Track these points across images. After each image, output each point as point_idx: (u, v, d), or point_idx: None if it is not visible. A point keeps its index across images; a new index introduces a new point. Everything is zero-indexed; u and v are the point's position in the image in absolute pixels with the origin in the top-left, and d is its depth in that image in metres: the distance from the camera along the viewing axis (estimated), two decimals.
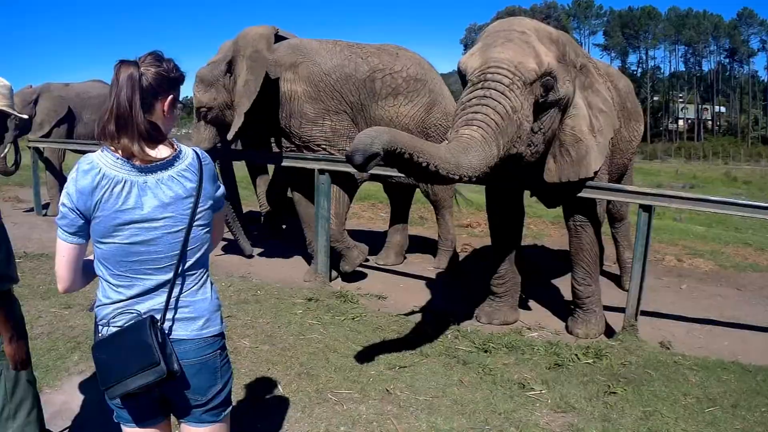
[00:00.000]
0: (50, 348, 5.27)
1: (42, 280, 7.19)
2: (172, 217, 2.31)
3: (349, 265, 7.92)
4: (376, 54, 7.88)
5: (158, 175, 2.31)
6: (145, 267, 2.33)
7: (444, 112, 8.04)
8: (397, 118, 7.76)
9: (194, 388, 2.42)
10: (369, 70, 7.70)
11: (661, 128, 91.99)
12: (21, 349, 3.00)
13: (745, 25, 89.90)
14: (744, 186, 38.33)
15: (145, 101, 2.31)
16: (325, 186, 7.45)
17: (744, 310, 7.39)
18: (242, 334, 5.75)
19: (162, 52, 2.42)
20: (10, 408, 3.06)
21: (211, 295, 2.51)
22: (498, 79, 4.76)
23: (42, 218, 11.46)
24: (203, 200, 2.39)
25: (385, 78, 7.73)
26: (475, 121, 4.67)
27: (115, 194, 2.25)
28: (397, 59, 7.91)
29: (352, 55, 7.75)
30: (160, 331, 2.30)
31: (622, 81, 7.31)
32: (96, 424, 4.17)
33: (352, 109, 7.69)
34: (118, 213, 2.26)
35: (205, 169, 2.43)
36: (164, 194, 2.30)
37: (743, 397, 4.85)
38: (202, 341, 2.41)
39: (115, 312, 2.36)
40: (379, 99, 7.72)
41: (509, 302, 6.60)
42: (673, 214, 15.77)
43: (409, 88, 7.83)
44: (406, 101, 7.82)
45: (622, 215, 8.30)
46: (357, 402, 4.56)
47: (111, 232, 2.28)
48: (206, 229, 2.44)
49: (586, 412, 4.52)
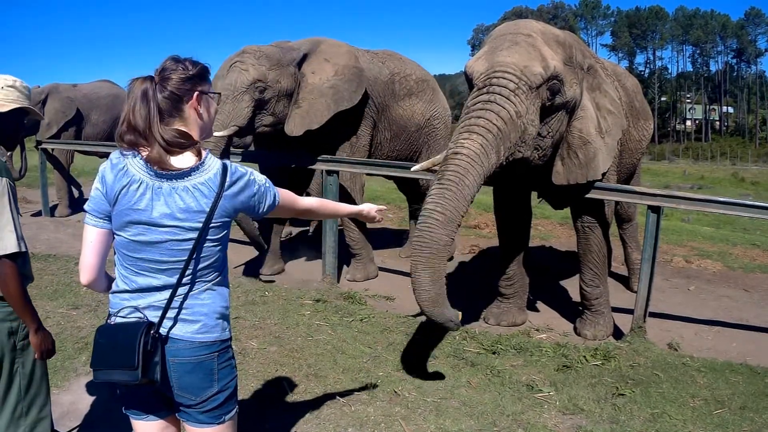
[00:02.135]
0: (58, 348, 5.18)
1: (50, 281, 7.20)
2: (179, 227, 2.32)
3: (362, 275, 8.16)
4: (389, 59, 8.35)
5: (174, 183, 2.31)
6: (148, 265, 2.37)
7: (443, 106, 9.05)
8: (413, 116, 8.44)
9: (187, 387, 2.43)
10: (389, 73, 8.14)
11: (669, 129, 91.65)
12: (47, 339, 3.08)
13: (753, 24, 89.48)
14: (752, 187, 38.15)
15: (171, 109, 2.35)
16: (333, 187, 7.46)
17: (752, 312, 7.37)
18: (250, 335, 5.75)
19: (178, 55, 2.42)
20: (23, 406, 3.09)
21: (216, 303, 2.49)
22: (503, 84, 4.75)
23: (50, 219, 11.52)
24: (217, 217, 2.36)
25: (401, 80, 8.32)
26: (477, 127, 4.68)
27: (131, 192, 2.30)
28: (405, 63, 8.50)
29: (374, 59, 8.13)
30: (153, 339, 2.32)
31: (630, 80, 7.28)
32: (104, 424, 4.19)
33: (377, 111, 7.97)
34: (130, 210, 2.31)
35: (228, 186, 2.39)
36: (175, 204, 2.31)
37: (751, 399, 4.83)
38: (198, 343, 2.42)
39: (122, 303, 2.42)
40: (399, 99, 8.18)
41: (517, 303, 6.60)
42: (680, 215, 15.73)
43: (419, 88, 8.52)
44: (417, 100, 8.48)
45: (630, 216, 8.28)
46: (365, 403, 4.55)
47: (123, 227, 2.34)
48: (217, 244, 2.43)
49: (594, 414, 4.51)
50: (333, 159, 7.58)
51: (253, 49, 7.10)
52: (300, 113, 7.34)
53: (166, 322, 2.38)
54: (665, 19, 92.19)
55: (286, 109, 7.37)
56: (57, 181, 12.07)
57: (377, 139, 8.11)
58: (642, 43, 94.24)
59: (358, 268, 8.17)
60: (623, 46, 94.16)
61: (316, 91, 7.35)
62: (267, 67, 7.00)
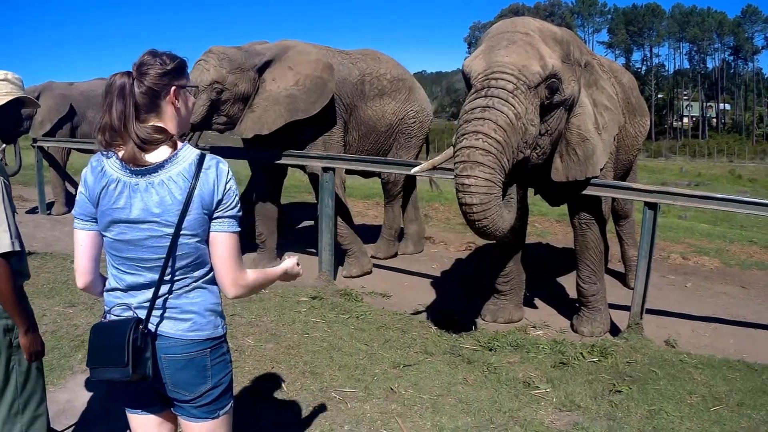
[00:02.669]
0: (54, 346, 5.27)
1: (46, 279, 7.18)
2: (157, 222, 2.30)
3: (357, 269, 8.16)
4: (362, 59, 8.42)
5: (149, 179, 2.30)
6: (133, 264, 2.37)
7: (420, 106, 8.93)
8: (384, 117, 8.46)
9: (179, 383, 2.42)
10: (359, 74, 8.20)
11: (666, 126, 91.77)
12: (36, 340, 3.07)
13: (750, 22, 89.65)
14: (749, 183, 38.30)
15: (147, 106, 2.34)
16: (329, 184, 7.46)
17: (749, 308, 7.37)
18: (246, 332, 5.73)
19: (156, 49, 2.41)
20: (19, 403, 3.09)
21: (205, 300, 2.46)
22: (501, 86, 4.71)
23: (46, 217, 11.49)
24: (193, 208, 2.32)
25: (372, 81, 8.38)
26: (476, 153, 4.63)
27: (110, 192, 2.31)
28: (379, 63, 8.53)
29: (345, 60, 8.21)
30: (142, 335, 2.32)
31: (626, 76, 7.27)
32: (100, 422, 4.18)
33: (347, 112, 8.02)
34: (111, 210, 2.32)
35: (204, 175, 2.34)
36: (151, 199, 2.29)
37: (749, 396, 4.82)
38: (189, 341, 2.41)
39: (115, 301, 2.43)
40: (368, 100, 8.28)
41: (514, 300, 6.59)
42: (678, 212, 15.75)
43: (392, 87, 8.57)
44: (390, 100, 8.53)
45: (627, 213, 8.28)
46: (361, 401, 4.54)
47: (107, 227, 2.35)
48: (197, 238, 2.38)
49: (591, 411, 4.50)
50: (329, 156, 7.58)
51: (218, 50, 7.25)
52: (252, 118, 7.48)
53: (154, 319, 2.38)
54: (662, 16, 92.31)
55: (241, 112, 7.53)
56: (53, 179, 12.02)
57: (346, 138, 8.18)
58: (639, 40, 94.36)
59: (352, 264, 8.20)
60: (620, 44, 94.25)
61: (272, 98, 7.46)
62: (227, 69, 7.18)
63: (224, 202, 2.39)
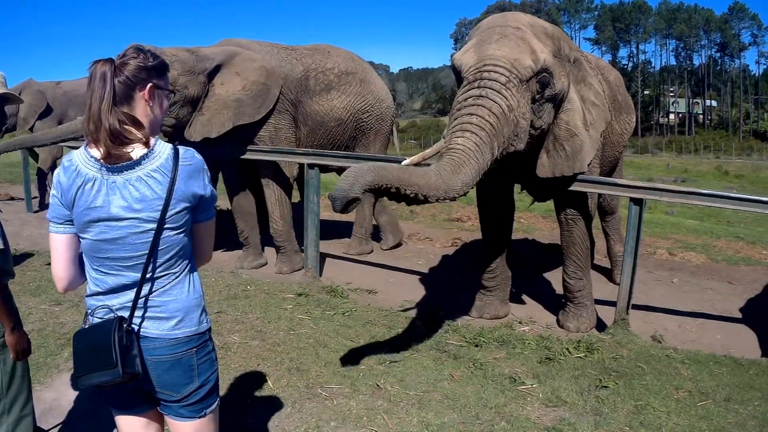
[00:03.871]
0: (40, 345, 5.23)
1: (32, 277, 7.15)
2: (138, 218, 2.29)
3: (288, 267, 8.19)
4: (309, 55, 8.47)
5: (126, 175, 2.29)
6: (115, 264, 2.35)
7: (376, 98, 8.94)
8: (332, 111, 8.47)
9: (167, 384, 2.42)
10: (304, 69, 8.23)
11: (652, 122, 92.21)
12: (23, 338, 3.06)
13: (737, 19, 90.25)
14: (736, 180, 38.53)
15: (123, 95, 2.33)
16: (314, 180, 7.47)
17: (736, 304, 7.39)
18: (232, 329, 5.71)
19: (142, 45, 2.42)
20: (5, 403, 3.06)
21: (188, 296, 2.46)
22: (494, 78, 4.69)
23: (33, 215, 11.48)
24: (175, 202, 2.33)
25: (318, 76, 8.41)
26: (470, 125, 4.61)
27: (87, 191, 2.29)
28: (328, 58, 8.56)
29: (289, 56, 8.26)
30: (127, 333, 2.31)
31: (613, 73, 7.28)
32: (87, 420, 4.17)
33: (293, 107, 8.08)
34: (88, 210, 2.29)
35: (182, 170, 2.35)
36: (131, 195, 2.28)
37: (736, 391, 4.84)
38: (174, 340, 2.40)
39: (96, 304, 2.41)
40: (314, 95, 8.35)
41: (500, 296, 6.59)
42: (664, 207, 15.82)
43: (340, 81, 8.57)
44: (338, 94, 8.53)
45: (613, 209, 8.29)
46: (347, 397, 4.54)
47: (84, 228, 2.33)
48: (180, 231, 2.39)
49: (577, 406, 4.50)
50: (315, 152, 7.61)
51: (170, 52, 7.20)
52: (201, 121, 7.49)
53: (136, 320, 2.36)
54: (649, 12, 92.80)
55: (189, 114, 7.51)
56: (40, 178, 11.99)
57: (297, 134, 8.22)
58: (625, 36, 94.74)
59: (284, 261, 8.22)
60: (607, 40, 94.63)
61: (221, 102, 7.50)
62: (179, 72, 7.16)
63: (204, 193, 2.43)
